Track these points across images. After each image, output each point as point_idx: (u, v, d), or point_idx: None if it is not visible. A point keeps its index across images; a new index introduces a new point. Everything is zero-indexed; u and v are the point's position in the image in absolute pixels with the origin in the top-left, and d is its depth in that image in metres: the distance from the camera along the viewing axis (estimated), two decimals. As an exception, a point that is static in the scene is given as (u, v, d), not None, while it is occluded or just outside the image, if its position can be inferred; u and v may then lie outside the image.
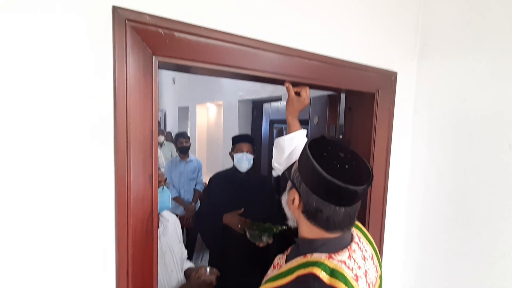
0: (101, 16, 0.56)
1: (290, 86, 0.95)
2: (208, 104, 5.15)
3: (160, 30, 0.62)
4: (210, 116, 5.42)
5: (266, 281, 0.66)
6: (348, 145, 1.24)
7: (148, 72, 0.62)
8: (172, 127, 7.77)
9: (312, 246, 0.65)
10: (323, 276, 0.56)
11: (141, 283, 0.64)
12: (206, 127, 5.62)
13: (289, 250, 0.78)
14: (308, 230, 0.66)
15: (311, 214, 0.63)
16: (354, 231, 0.71)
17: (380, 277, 0.70)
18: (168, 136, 5.67)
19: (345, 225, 0.63)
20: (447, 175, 1.11)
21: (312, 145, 0.63)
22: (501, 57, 0.96)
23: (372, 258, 0.69)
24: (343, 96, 1.28)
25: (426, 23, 1.16)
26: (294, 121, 1.02)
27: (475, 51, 1.02)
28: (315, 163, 0.58)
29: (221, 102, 4.15)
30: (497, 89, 0.97)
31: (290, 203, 0.67)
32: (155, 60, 0.63)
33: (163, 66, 0.68)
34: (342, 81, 0.98)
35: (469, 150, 1.04)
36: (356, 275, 0.59)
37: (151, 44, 0.61)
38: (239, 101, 3.55)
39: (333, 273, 0.57)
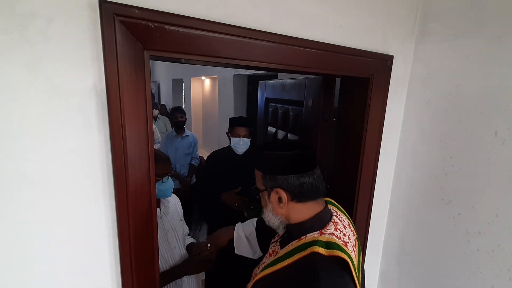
0: (88, 11, 0.54)
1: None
2: (203, 77, 5.03)
3: (150, 23, 0.60)
4: (205, 89, 5.32)
5: (264, 268, 0.73)
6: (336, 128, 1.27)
7: (140, 67, 0.61)
8: (166, 99, 7.64)
9: (303, 228, 0.73)
10: (322, 250, 0.65)
11: (144, 270, 0.70)
12: (201, 100, 5.54)
13: (278, 237, 0.85)
14: (298, 215, 0.74)
15: (299, 193, 0.72)
16: (330, 207, 0.81)
17: (357, 238, 0.81)
18: (162, 110, 5.61)
19: (323, 189, 0.76)
20: (434, 158, 1.16)
21: (263, 148, 0.75)
22: (497, 43, 0.95)
23: (349, 225, 0.79)
24: (338, 78, 1.27)
25: (427, 4, 1.12)
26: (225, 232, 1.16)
27: (473, 35, 1.01)
28: (276, 152, 0.71)
29: (216, 76, 4.05)
30: (489, 76, 0.98)
31: (277, 204, 0.74)
32: (146, 54, 0.62)
33: (154, 59, 0.67)
34: (338, 67, 0.97)
35: (457, 135, 1.07)
36: (344, 241, 0.69)
37: (141, 39, 0.60)
38: (234, 76, 3.48)
39: (328, 245, 0.66)
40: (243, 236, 1.09)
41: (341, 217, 0.79)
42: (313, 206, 0.74)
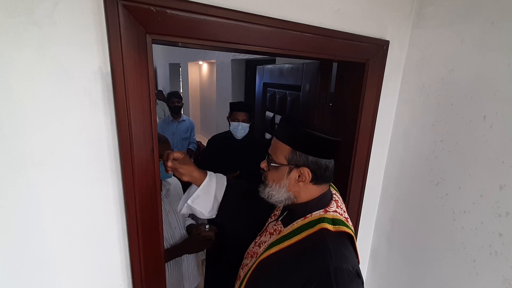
0: (92, -5, 0.56)
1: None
2: (200, 62, 4.97)
3: (151, 7, 0.61)
4: (203, 74, 5.27)
5: (269, 246, 0.77)
6: (336, 112, 1.30)
7: (143, 51, 0.64)
8: (164, 84, 7.57)
9: (308, 207, 0.77)
10: (329, 226, 0.70)
11: (150, 242, 0.75)
12: (198, 85, 5.50)
13: (275, 216, 0.88)
14: (308, 194, 0.77)
15: (321, 177, 0.75)
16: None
17: None
18: (159, 95, 5.57)
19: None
20: (426, 141, 1.20)
21: (302, 125, 0.74)
22: (490, 29, 0.97)
23: (343, 202, 0.85)
24: (335, 63, 1.29)
25: (424, -12, 1.12)
26: (197, 173, 0.90)
27: (468, 21, 1.02)
28: (322, 135, 0.72)
29: (213, 61, 4.02)
30: (481, 61, 1.00)
31: (295, 181, 0.75)
32: (148, 38, 0.64)
33: (156, 43, 0.69)
34: (335, 52, 0.99)
35: (448, 119, 1.11)
36: (345, 217, 0.75)
37: (143, 23, 0.62)
38: (232, 60, 3.45)
39: (334, 221, 0.72)
40: (213, 191, 0.92)
41: (338, 196, 0.84)
42: (323, 188, 0.78)
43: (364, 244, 1.49)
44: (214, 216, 0.95)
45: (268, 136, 2.11)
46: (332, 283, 0.62)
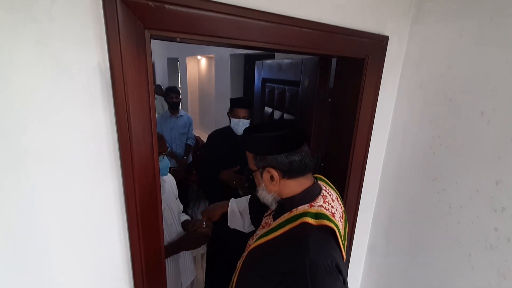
0: (90, -10, 0.55)
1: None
2: (199, 57, 4.93)
3: (150, 2, 0.61)
4: (202, 69, 5.24)
5: (258, 238, 0.80)
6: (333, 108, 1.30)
7: (141, 46, 0.64)
8: (162, 79, 7.52)
9: (294, 202, 0.79)
10: (311, 220, 0.71)
11: (150, 237, 0.76)
12: (197, 80, 5.47)
13: (271, 211, 0.91)
14: (290, 190, 0.79)
15: (289, 170, 0.77)
16: (320, 183, 0.87)
17: (344, 211, 0.88)
18: (157, 90, 5.53)
19: (311, 165, 0.80)
20: (424, 137, 1.21)
21: (251, 130, 0.79)
22: (489, 24, 0.97)
23: (337, 199, 0.86)
24: (334, 59, 1.29)
25: (423, -17, 1.12)
26: (220, 210, 1.21)
27: (467, 16, 1.02)
28: (263, 134, 0.75)
29: (212, 55, 3.99)
30: (480, 57, 1.01)
31: (269, 182, 0.79)
32: (147, 34, 0.64)
33: (155, 38, 0.69)
34: (334, 48, 0.99)
35: (446, 115, 1.12)
36: (332, 213, 0.76)
37: (142, 18, 0.61)
38: (231, 55, 3.43)
39: (317, 216, 0.73)
40: (237, 211, 1.16)
41: (330, 192, 0.84)
42: (303, 181, 0.79)
43: (362, 239, 1.51)
44: (253, 229, 1.15)
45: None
46: (307, 277, 0.62)
